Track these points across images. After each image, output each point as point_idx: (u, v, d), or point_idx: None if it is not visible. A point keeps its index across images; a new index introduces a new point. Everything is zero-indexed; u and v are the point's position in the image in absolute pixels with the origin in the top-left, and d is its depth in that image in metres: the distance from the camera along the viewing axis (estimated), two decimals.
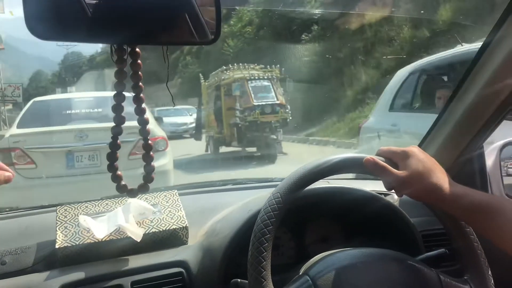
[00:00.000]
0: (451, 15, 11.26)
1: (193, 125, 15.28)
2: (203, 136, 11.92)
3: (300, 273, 0.87)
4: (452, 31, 9.21)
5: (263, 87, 10.73)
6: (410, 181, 0.84)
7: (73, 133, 4.64)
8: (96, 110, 5.26)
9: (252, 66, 11.59)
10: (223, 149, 11.49)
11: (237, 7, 20.88)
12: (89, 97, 5.83)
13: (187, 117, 17.09)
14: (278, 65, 11.37)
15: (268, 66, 11.36)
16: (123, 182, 0.71)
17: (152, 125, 4.77)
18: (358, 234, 1.13)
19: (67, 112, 5.16)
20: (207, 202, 1.31)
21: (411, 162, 0.85)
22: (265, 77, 10.89)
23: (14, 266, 1.02)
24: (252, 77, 10.75)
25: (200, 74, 13.75)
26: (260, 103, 10.21)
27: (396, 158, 0.88)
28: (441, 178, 0.85)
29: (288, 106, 10.55)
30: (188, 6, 0.62)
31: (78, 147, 4.61)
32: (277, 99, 10.39)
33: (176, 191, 1.24)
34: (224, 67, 11.67)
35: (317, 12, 16.59)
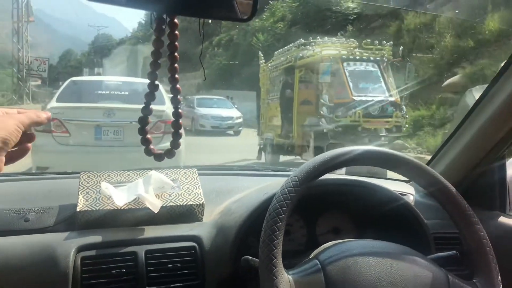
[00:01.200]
0: None
1: (240, 120, 14.34)
2: (257, 138, 8.93)
3: (310, 257, 0.89)
4: None
5: (368, 73, 7.17)
6: None
7: (102, 110, 5.34)
8: (123, 92, 5.95)
9: (351, 40, 7.94)
10: (285, 158, 8.17)
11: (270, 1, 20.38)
12: (118, 81, 6.63)
13: (232, 110, 14.95)
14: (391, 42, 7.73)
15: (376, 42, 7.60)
16: (151, 146, 0.74)
17: (169, 110, 5.13)
18: (370, 229, 1.14)
19: (98, 92, 5.93)
20: (224, 184, 1.34)
21: None
22: (372, 59, 7.23)
23: (37, 224, 1.06)
24: (352, 57, 7.14)
25: (260, 53, 10.31)
26: (364, 98, 6.82)
27: None
28: None
29: (404, 107, 7.21)
30: None
31: (106, 123, 5.31)
32: (390, 94, 7.04)
33: (195, 169, 1.26)
34: (303, 40, 8.14)
35: (352, 9, 15.67)
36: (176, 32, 0.66)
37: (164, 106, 4.86)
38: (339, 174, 1.14)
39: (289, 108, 7.59)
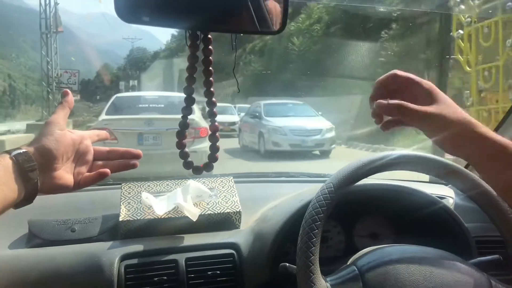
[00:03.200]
0: None
1: (332, 134, 10.10)
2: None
3: (348, 263, 0.89)
4: None
5: None
6: (436, 115, 0.71)
7: (143, 121, 6.54)
8: (159, 105, 7.18)
9: None
10: None
11: (306, 3, 19.55)
12: (155, 95, 8.07)
13: (319, 119, 10.71)
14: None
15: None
16: (189, 159, 0.77)
17: (198, 118, 6.27)
18: (409, 234, 1.13)
19: (139, 105, 7.27)
20: (260, 191, 1.35)
21: (437, 96, 0.73)
22: None
23: (82, 234, 1.11)
24: None
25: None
26: None
27: (417, 91, 0.74)
28: (476, 123, 0.71)
29: None
30: None
31: (146, 130, 6.46)
32: None
33: (232, 177, 1.29)
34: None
35: (396, 4, 14.48)
36: (210, 47, 0.69)
37: (194, 116, 5.65)
38: (378, 178, 1.13)
39: None
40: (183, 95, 0.72)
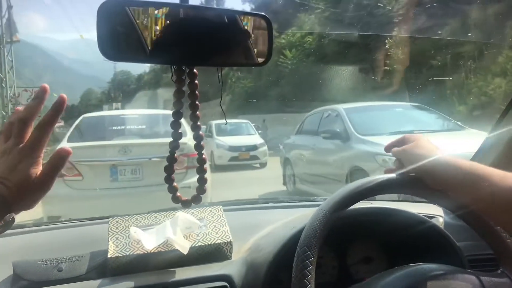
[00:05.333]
0: None
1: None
2: None
3: None
4: None
5: None
6: (417, 152, 0.91)
7: (117, 148, 4.91)
8: (139, 126, 5.56)
9: None
10: None
11: (297, 15, 19.16)
12: (133, 114, 6.14)
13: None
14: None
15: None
16: (178, 193, 0.76)
17: (191, 141, 4.83)
18: (401, 255, 1.12)
19: (113, 127, 5.51)
20: (250, 218, 1.34)
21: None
22: None
23: (70, 273, 1.07)
24: None
25: None
26: None
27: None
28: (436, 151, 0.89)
29: None
30: (242, 31, 0.67)
31: (122, 161, 4.88)
32: None
33: (221, 206, 1.27)
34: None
35: (397, 10, 13.43)
36: (196, 81, 0.69)
37: (186, 138, 4.62)
38: (367, 202, 1.12)
39: None
40: (168, 112, 0.71)
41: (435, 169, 0.86)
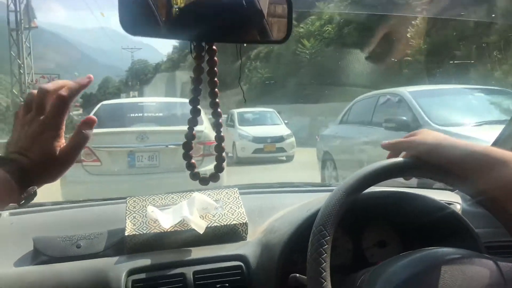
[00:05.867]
0: None
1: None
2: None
3: None
4: None
5: None
6: (421, 139, 0.90)
7: (135, 135, 4.95)
8: (156, 114, 5.63)
9: None
10: None
11: (315, 3, 18.08)
12: (151, 102, 6.26)
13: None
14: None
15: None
16: (196, 170, 0.76)
17: (207, 130, 4.98)
18: (417, 241, 1.11)
19: (131, 115, 5.59)
20: (266, 202, 1.34)
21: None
22: None
23: (88, 249, 1.10)
24: None
25: None
26: None
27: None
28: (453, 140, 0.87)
29: None
30: (262, 7, 0.67)
31: (139, 148, 4.94)
32: None
33: (237, 189, 1.28)
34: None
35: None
36: (215, 58, 0.69)
37: (202, 126, 4.57)
38: (384, 186, 1.12)
39: None
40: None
41: (452, 152, 0.85)
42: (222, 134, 0.76)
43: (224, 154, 0.77)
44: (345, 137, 6.30)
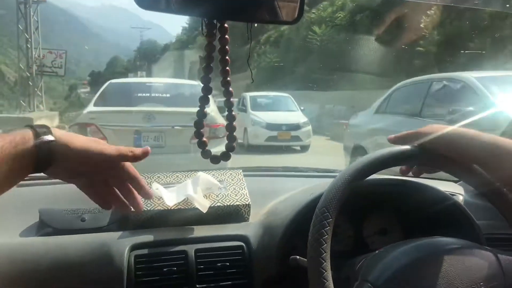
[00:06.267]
0: None
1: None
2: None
3: (359, 281, 0.86)
4: None
5: None
6: (429, 130, 0.89)
7: (142, 114, 4.93)
8: (164, 95, 5.57)
9: None
10: None
11: None
12: (158, 83, 6.22)
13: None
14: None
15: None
16: (207, 148, 0.77)
17: (214, 112, 4.95)
18: (418, 229, 1.12)
19: (138, 94, 5.53)
20: (269, 185, 1.35)
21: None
22: None
23: (92, 223, 1.12)
24: None
25: None
26: None
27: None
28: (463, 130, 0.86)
29: None
30: None
31: (146, 128, 4.92)
32: None
33: (241, 171, 1.29)
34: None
35: None
36: (227, 36, 0.69)
37: (208, 109, 4.35)
38: (387, 174, 1.12)
39: None
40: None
41: (459, 141, 0.85)
42: (233, 113, 0.76)
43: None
44: (385, 129, 4.94)
